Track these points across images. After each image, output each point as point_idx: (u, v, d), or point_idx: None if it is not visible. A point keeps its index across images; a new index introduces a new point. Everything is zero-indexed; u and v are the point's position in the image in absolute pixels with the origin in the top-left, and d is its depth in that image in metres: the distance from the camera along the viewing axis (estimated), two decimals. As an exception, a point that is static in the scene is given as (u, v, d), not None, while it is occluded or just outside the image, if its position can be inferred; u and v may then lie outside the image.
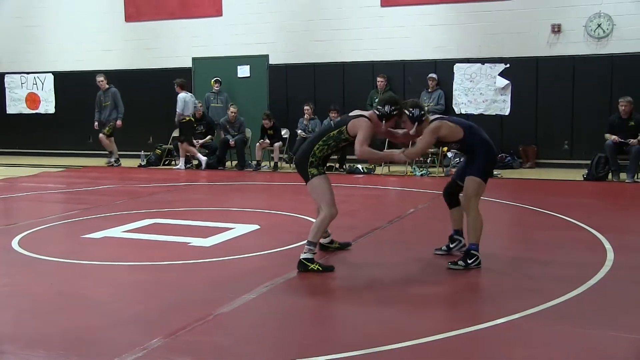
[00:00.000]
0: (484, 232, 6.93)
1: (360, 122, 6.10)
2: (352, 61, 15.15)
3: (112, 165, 15.46)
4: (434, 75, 14.23)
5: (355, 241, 6.98)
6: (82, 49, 17.42)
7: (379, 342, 4.31)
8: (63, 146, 17.42)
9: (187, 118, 14.71)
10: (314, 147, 6.21)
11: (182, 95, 14.70)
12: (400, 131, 6.55)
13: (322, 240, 6.69)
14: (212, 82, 15.76)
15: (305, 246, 6.13)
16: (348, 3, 15.08)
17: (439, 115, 6.70)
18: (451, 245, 6.73)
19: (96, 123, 15.54)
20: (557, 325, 4.66)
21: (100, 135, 15.44)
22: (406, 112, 6.22)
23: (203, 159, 14.72)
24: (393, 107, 6.18)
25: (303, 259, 6.06)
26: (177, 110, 14.70)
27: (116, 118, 15.38)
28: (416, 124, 6.25)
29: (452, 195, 6.68)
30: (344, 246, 6.86)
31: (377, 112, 6.21)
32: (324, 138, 6.19)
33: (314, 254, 6.14)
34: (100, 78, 15.46)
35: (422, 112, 6.28)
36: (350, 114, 6.37)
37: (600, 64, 13.46)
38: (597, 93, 13.52)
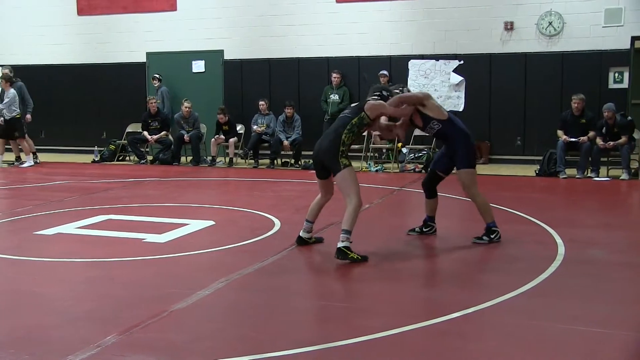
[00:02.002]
0: (438, 228, 7.13)
1: (372, 102, 6.47)
2: (307, 57, 15.14)
3: (19, 164, 14.65)
4: (386, 72, 14.30)
5: (311, 238, 6.97)
6: (33, 43, 17.10)
7: (332, 338, 4.33)
8: (13, 141, 17.06)
9: (18, 115, 14.29)
10: (341, 136, 6.34)
11: (15, 89, 14.36)
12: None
13: (302, 234, 6.80)
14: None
15: (342, 235, 6.20)
16: (304, -1, 15.10)
17: None
18: (424, 229, 7.21)
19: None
20: (511, 319, 4.74)
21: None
22: (396, 92, 6.71)
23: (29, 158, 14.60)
24: (387, 92, 6.67)
25: (342, 247, 6.14)
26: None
27: (25, 113, 14.72)
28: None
29: (431, 186, 7.13)
30: (319, 240, 6.94)
31: (378, 98, 6.56)
32: (348, 127, 6.37)
33: (351, 242, 6.21)
34: (6, 70, 14.76)
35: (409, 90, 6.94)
36: (352, 105, 6.81)
37: (551, 61, 13.69)
38: (549, 90, 13.76)
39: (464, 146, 6.79)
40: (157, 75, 15.73)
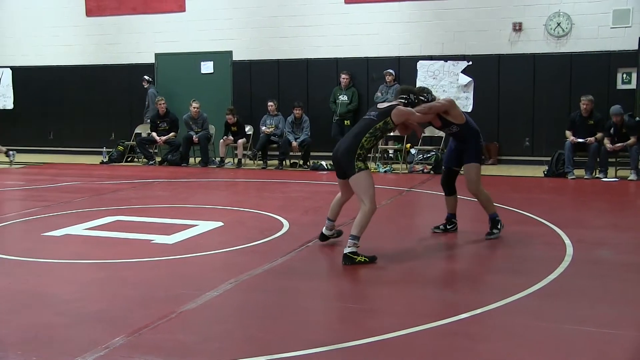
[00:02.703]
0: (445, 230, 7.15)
1: (401, 109, 6.43)
2: (315, 57, 15.16)
3: (11, 163, 14.83)
4: (392, 71, 14.29)
5: (333, 233, 6.97)
6: (43, 44, 17.17)
7: (342, 339, 4.33)
8: (22, 142, 17.14)
9: None
10: (361, 139, 6.30)
11: None
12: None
13: (325, 232, 6.87)
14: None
15: (349, 240, 6.21)
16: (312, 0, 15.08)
17: None
18: (448, 227, 7.47)
19: None
20: (519, 319, 4.73)
21: None
22: (422, 98, 6.84)
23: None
24: (415, 95, 6.74)
25: (349, 252, 6.16)
26: None
27: None
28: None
29: (449, 183, 7.43)
30: (339, 233, 7.04)
31: (405, 102, 6.59)
32: (371, 130, 6.32)
33: (358, 247, 6.21)
34: None
35: (434, 97, 7.07)
36: (379, 105, 6.64)
37: (559, 62, 13.67)
38: (557, 90, 13.73)
39: (474, 143, 7.19)
40: (146, 77, 15.82)
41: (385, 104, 6.61)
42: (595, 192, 10.92)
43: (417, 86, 7.57)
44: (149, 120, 15.26)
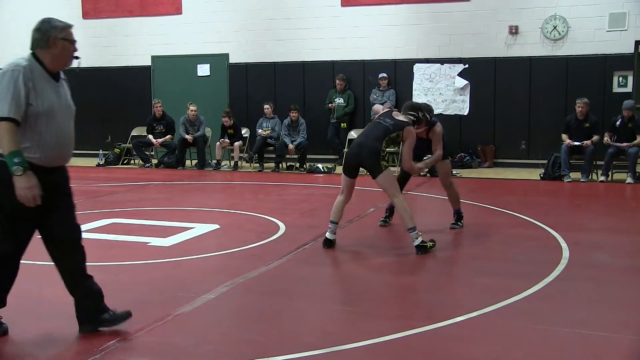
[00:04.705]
0: (440, 232, 7.15)
1: (410, 131, 6.86)
2: (312, 60, 15.16)
3: None
4: (385, 75, 14.32)
5: (316, 240, 6.98)
6: (39, 47, 17.09)
7: (337, 342, 4.33)
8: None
9: None
10: (381, 144, 6.78)
11: None
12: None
13: (329, 236, 6.90)
14: None
15: (412, 234, 6.65)
16: (308, 2, 15.08)
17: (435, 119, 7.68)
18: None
19: None
20: (515, 322, 4.73)
21: None
22: (427, 116, 7.27)
23: None
24: (422, 113, 7.18)
25: (420, 244, 6.63)
26: None
27: None
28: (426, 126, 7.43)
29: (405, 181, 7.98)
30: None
31: (414, 118, 7.00)
32: (386, 138, 6.80)
33: (421, 234, 6.65)
34: None
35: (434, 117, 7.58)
36: (394, 115, 6.98)
37: (555, 65, 13.68)
38: (553, 94, 13.75)
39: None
40: None
41: (400, 117, 6.95)
42: (591, 195, 10.93)
43: (422, 103, 7.78)
44: None
